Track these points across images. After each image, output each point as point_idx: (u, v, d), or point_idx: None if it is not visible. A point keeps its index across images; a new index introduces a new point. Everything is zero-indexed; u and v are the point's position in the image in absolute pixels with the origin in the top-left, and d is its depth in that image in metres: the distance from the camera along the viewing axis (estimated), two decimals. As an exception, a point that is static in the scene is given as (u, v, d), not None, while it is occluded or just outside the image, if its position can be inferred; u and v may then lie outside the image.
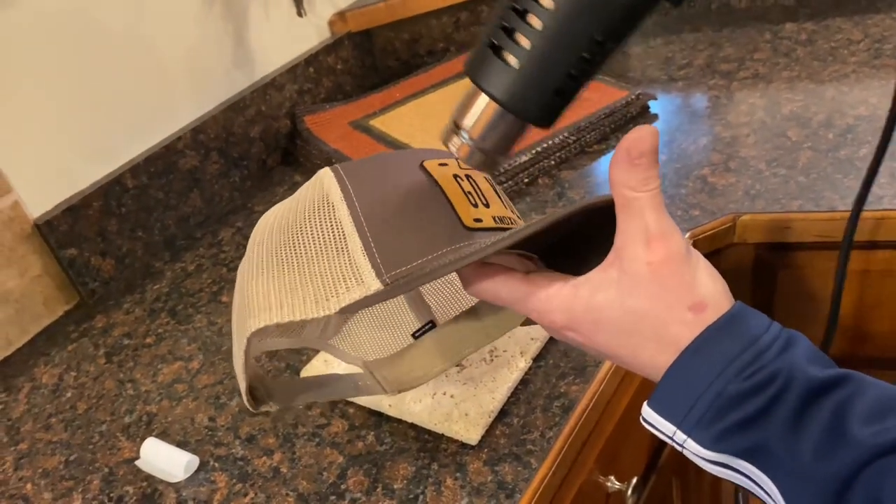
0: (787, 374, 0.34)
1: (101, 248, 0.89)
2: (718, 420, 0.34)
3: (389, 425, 0.63)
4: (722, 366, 0.34)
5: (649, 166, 0.36)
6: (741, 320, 0.36)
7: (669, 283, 0.36)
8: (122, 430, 0.70)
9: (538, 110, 0.38)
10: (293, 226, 0.43)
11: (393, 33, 1.20)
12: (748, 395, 0.34)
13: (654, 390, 0.37)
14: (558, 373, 0.64)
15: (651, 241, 0.36)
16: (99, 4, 0.86)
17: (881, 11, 1.07)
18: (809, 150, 0.83)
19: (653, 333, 0.37)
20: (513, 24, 0.36)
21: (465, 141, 0.39)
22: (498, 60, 0.37)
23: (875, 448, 0.32)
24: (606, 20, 0.35)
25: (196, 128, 0.97)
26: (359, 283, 0.40)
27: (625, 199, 0.36)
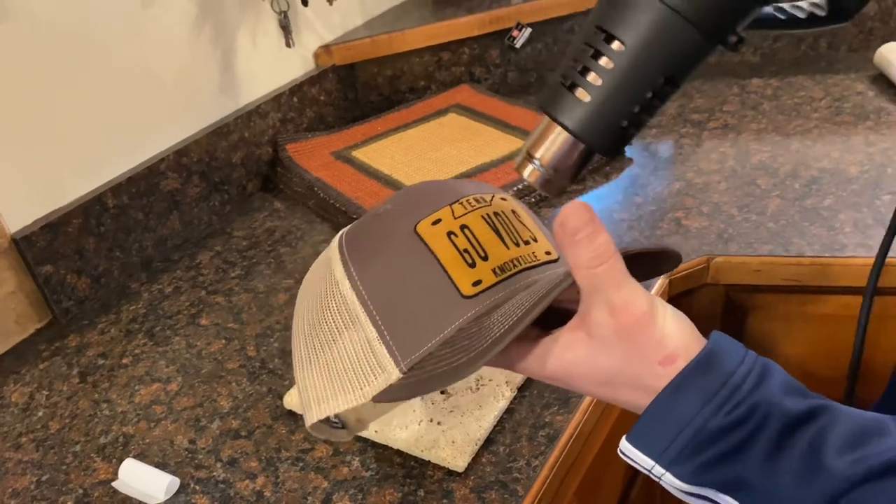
0: (765, 408, 0.35)
1: (77, 267, 0.88)
2: (698, 455, 0.36)
3: (375, 451, 0.64)
4: (700, 403, 0.36)
5: (592, 239, 0.37)
6: (716, 357, 0.37)
7: (638, 343, 0.38)
8: (97, 450, 0.69)
9: (606, 141, 0.41)
10: (318, 314, 0.46)
11: (376, 69, 1.23)
12: (727, 431, 0.35)
13: (632, 426, 0.39)
14: (543, 402, 0.65)
15: (614, 311, 0.38)
16: (94, 22, 0.86)
17: (840, 72, 1.13)
18: (778, 197, 0.87)
19: (628, 385, 0.39)
20: (585, 63, 0.40)
21: (536, 167, 0.43)
22: (571, 95, 0.40)
23: (852, 478, 0.33)
24: (669, 64, 0.39)
25: (179, 150, 0.97)
26: (382, 370, 0.42)
27: (582, 277, 0.38)
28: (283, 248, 0.95)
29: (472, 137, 1.07)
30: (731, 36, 0.39)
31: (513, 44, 1.22)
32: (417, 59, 1.24)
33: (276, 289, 0.87)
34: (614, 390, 0.39)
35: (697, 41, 0.39)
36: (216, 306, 0.86)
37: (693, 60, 0.40)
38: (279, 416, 0.69)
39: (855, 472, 0.34)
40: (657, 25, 0.39)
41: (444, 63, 1.25)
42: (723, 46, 0.40)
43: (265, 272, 0.91)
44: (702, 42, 0.39)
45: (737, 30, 0.40)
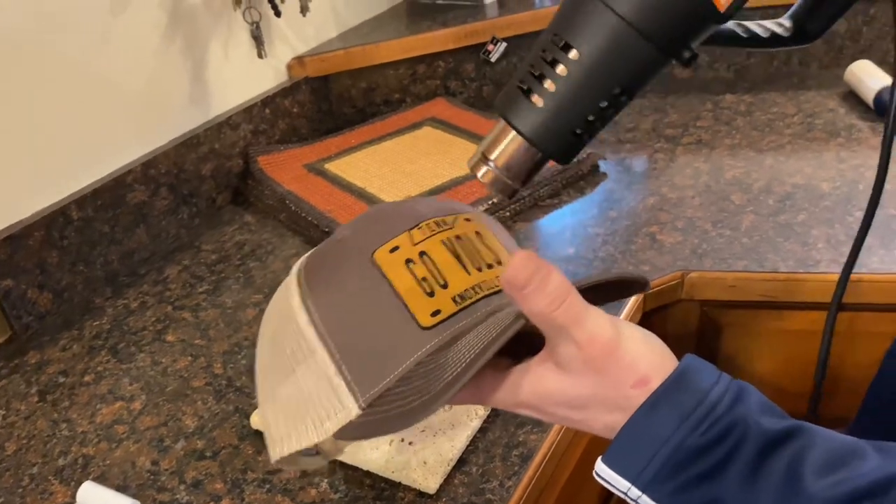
0: (743, 428, 0.35)
1: (39, 281, 0.85)
2: (675, 475, 0.35)
3: (344, 472, 0.62)
4: (677, 422, 0.35)
5: (542, 287, 0.36)
6: (690, 375, 0.37)
7: (609, 371, 0.37)
8: (54, 472, 0.66)
9: (558, 147, 0.42)
10: (275, 342, 0.45)
11: (350, 81, 1.22)
12: (705, 450, 0.35)
13: (608, 447, 0.38)
14: (517, 421, 0.64)
15: (581, 346, 0.37)
16: (58, 29, 0.84)
17: (812, 89, 1.14)
18: (752, 213, 0.87)
19: (603, 408, 0.38)
20: (542, 70, 0.40)
21: (490, 168, 0.43)
22: (526, 100, 0.41)
23: (831, 500, 0.33)
24: (623, 75, 0.39)
25: (147, 162, 0.95)
26: (342, 406, 0.41)
27: (541, 323, 0.37)
28: (252, 263, 0.93)
29: (447, 151, 1.06)
30: (685, 51, 0.39)
31: (488, 58, 1.22)
32: (392, 72, 1.23)
33: (245, 304, 0.85)
34: (590, 414, 0.38)
35: (651, 54, 0.39)
36: (183, 322, 0.84)
37: (647, 73, 0.40)
38: (246, 435, 0.67)
39: (834, 494, 0.33)
40: (612, 37, 0.39)
41: (419, 76, 1.24)
42: (676, 60, 0.40)
43: (234, 287, 0.89)
44: (656, 55, 0.39)
45: (691, 45, 0.40)
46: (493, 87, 1.26)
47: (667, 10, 0.38)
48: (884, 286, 0.75)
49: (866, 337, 0.79)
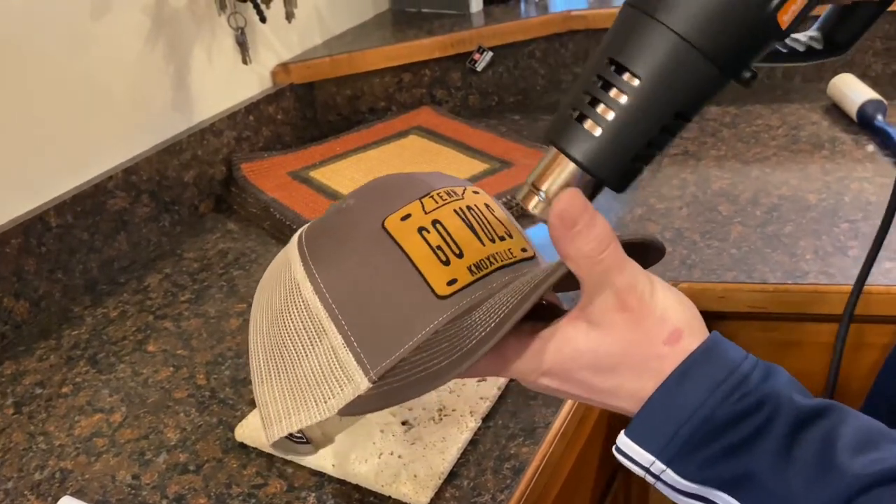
0: (775, 401, 0.34)
1: (15, 289, 0.83)
2: (703, 447, 0.34)
3: (332, 486, 0.60)
4: (707, 391, 0.35)
5: (591, 227, 0.36)
6: (720, 348, 0.36)
7: (642, 323, 0.36)
8: (31, 487, 0.64)
9: (616, 175, 0.39)
10: (277, 321, 0.42)
11: (335, 88, 1.21)
12: (735, 422, 0.34)
13: (631, 420, 0.37)
14: (508, 433, 0.63)
15: (619, 295, 0.36)
16: (37, 31, 0.82)
17: (795, 102, 1.15)
18: (739, 224, 0.87)
19: (633, 370, 0.37)
20: (597, 94, 0.38)
21: (541, 200, 0.40)
22: (581, 127, 0.39)
23: (868, 478, 0.32)
24: (683, 99, 0.38)
25: (128, 168, 0.93)
26: (349, 380, 0.40)
27: (585, 267, 0.36)
28: (236, 271, 0.92)
29: (433, 160, 1.06)
30: (745, 71, 0.38)
31: (474, 67, 1.22)
32: (378, 80, 1.22)
33: (228, 314, 0.84)
34: (618, 380, 0.37)
35: (713, 76, 0.37)
36: (164, 332, 0.82)
37: (706, 95, 0.39)
38: (230, 448, 0.65)
39: (869, 472, 0.32)
40: (672, 58, 0.37)
41: (404, 84, 1.23)
42: (736, 81, 0.39)
43: (217, 296, 0.87)
44: (717, 76, 0.38)
45: (750, 65, 0.39)
46: (478, 96, 1.26)
47: (729, 29, 0.37)
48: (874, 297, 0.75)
49: (859, 349, 0.79)
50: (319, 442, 0.52)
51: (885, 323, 0.77)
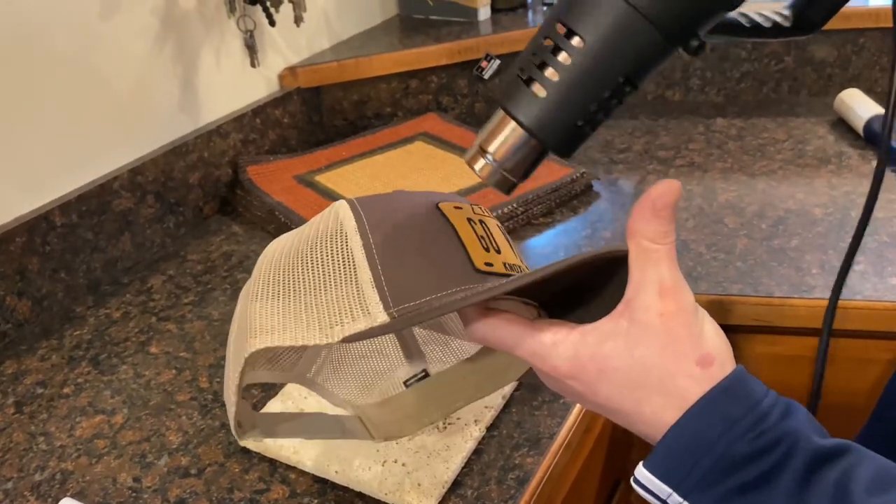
0: (792, 439, 0.34)
1: (18, 288, 0.82)
2: (721, 482, 0.34)
3: (335, 493, 0.60)
4: (726, 427, 0.35)
5: (670, 219, 0.37)
6: (745, 382, 0.36)
7: (679, 335, 0.36)
8: (31, 488, 0.63)
9: (559, 139, 0.40)
10: (304, 252, 0.42)
11: (342, 93, 1.21)
12: (752, 459, 0.34)
13: (652, 451, 0.37)
14: (512, 443, 0.63)
15: (664, 293, 0.36)
16: (46, 29, 0.82)
17: (801, 116, 1.15)
18: (745, 237, 0.87)
19: (659, 385, 0.36)
20: (545, 58, 0.39)
21: (489, 162, 0.41)
22: (527, 90, 0.39)
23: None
24: (629, 63, 0.38)
25: (134, 169, 0.93)
26: (365, 314, 0.39)
27: (643, 249, 0.37)
28: (240, 274, 0.91)
29: (439, 166, 1.06)
30: (693, 40, 0.39)
31: (481, 74, 1.22)
32: (385, 86, 1.22)
33: (231, 316, 0.83)
34: (642, 395, 0.37)
35: (658, 42, 0.38)
36: (167, 334, 0.81)
37: (653, 62, 0.39)
38: (232, 453, 0.65)
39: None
40: (619, 23, 0.38)
41: (411, 90, 1.23)
42: (684, 50, 0.39)
43: (220, 299, 0.87)
44: (663, 43, 0.38)
45: (698, 33, 0.39)
46: (485, 104, 1.26)
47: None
48: (877, 313, 0.75)
49: (860, 363, 0.79)
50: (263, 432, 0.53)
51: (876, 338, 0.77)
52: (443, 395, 0.57)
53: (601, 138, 1.15)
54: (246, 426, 0.51)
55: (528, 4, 1.36)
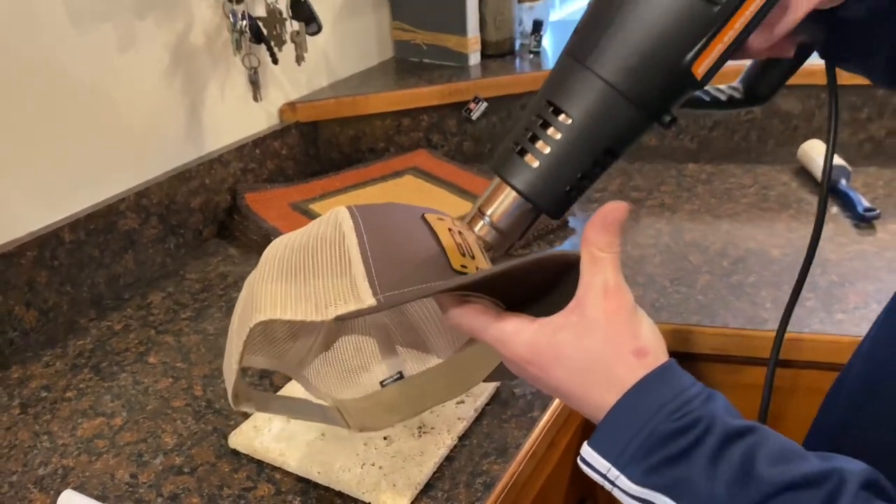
0: (709, 420, 0.40)
1: (26, 299, 0.88)
2: (649, 456, 0.40)
3: (317, 492, 0.65)
4: (655, 409, 0.40)
5: (617, 233, 0.43)
6: (674, 373, 0.42)
7: (619, 330, 0.42)
8: (34, 481, 0.68)
9: (551, 203, 0.46)
10: (307, 246, 0.49)
11: (338, 128, 1.28)
12: (675, 436, 0.40)
13: (594, 432, 0.43)
14: (481, 451, 0.68)
15: (608, 293, 0.43)
16: (68, 60, 0.89)
17: (767, 164, 1.23)
18: (707, 273, 0.94)
19: (602, 372, 0.43)
20: (536, 132, 0.45)
21: (486, 224, 0.47)
22: (521, 160, 0.45)
23: (779, 484, 0.38)
24: (610, 137, 0.44)
25: (140, 192, 1.00)
26: (356, 299, 0.46)
27: (592, 256, 0.43)
28: (235, 293, 0.97)
29: (427, 199, 1.12)
30: (665, 115, 0.45)
31: (469, 115, 1.29)
32: (378, 123, 1.30)
33: (226, 332, 0.88)
34: (588, 380, 0.43)
35: (636, 118, 0.44)
36: (165, 346, 0.87)
37: (632, 135, 0.45)
38: (223, 454, 0.70)
39: (782, 479, 0.38)
40: (600, 102, 0.44)
41: (403, 128, 1.31)
42: (658, 124, 0.46)
43: (216, 315, 0.93)
44: (640, 119, 0.44)
45: (670, 109, 0.46)
46: (472, 143, 1.34)
47: (651, 79, 0.44)
48: (825, 345, 0.82)
49: (807, 393, 0.85)
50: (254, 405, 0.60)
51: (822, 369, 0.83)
52: (415, 396, 0.63)
53: (580, 178, 1.22)
54: (241, 398, 0.58)
55: (515, 51, 1.45)
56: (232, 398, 0.55)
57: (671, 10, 0.43)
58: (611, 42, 0.44)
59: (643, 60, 0.43)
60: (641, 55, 0.43)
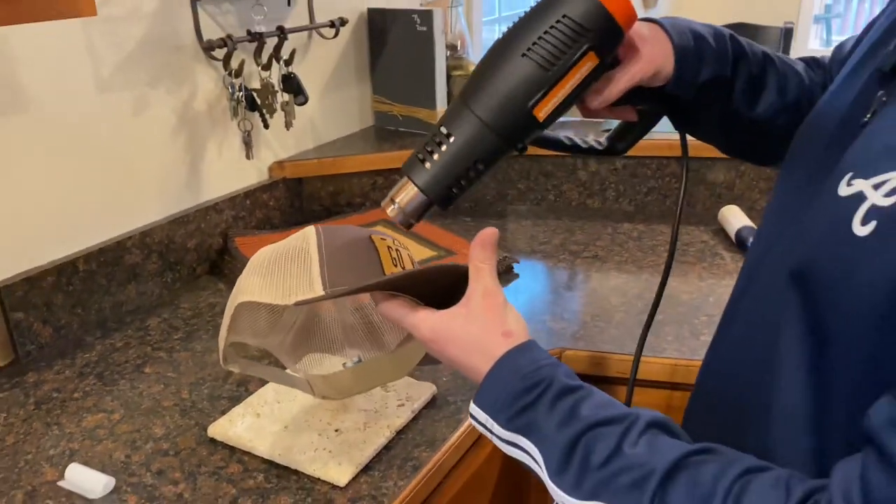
0: (550, 380, 0.56)
1: (44, 317, 1.04)
2: (510, 407, 0.56)
3: (277, 470, 0.80)
4: (514, 372, 0.57)
5: (492, 250, 0.61)
6: (530, 348, 0.59)
7: (493, 318, 0.59)
8: (45, 459, 0.83)
9: (440, 197, 0.64)
10: (282, 254, 0.67)
11: (321, 184, 1.46)
12: (527, 391, 0.56)
13: (476, 392, 0.59)
14: (414, 443, 0.84)
15: (486, 293, 0.60)
16: (92, 119, 1.08)
17: (692, 224, 1.41)
18: (623, 312, 1.10)
19: (481, 348, 0.59)
20: (431, 146, 0.63)
21: (395, 207, 0.64)
22: (421, 165, 0.63)
23: (593, 422, 0.53)
24: (480, 155, 0.62)
25: (144, 231, 1.17)
26: (311, 291, 0.64)
27: (475, 267, 0.61)
28: (221, 319, 1.13)
29: (392, 246, 1.30)
30: (519, 143, 0.63)
31: (436, 176, 1.48)
32: (357, 180, 1.48)
33: (211, 350, 1.05)
34: (472, 355, 0.59)
35: (497, 142, 0.62)
36: (159, 360, 1.03)
37: (494, 154, 0.63)
38: (202, 442, 0.85)
39: (595, 419, 0.53)
40: (474, 129, 0.62)
41: (378, 185, 1.49)
42: (514, 149, 0.64)
43: (203, 337, 1.08)
44: (500, 144, 0.62)
45: (524, 140, 0.64)
46: (438, 201, 1.52)
47: (506, 116, 0.62)
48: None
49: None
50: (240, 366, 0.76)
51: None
52: (368, 375, 0.78)
53: (528, 233, 1.40)
54: (229, 360, 0.74)
55: (481, 123, 1.65)
56: (222, 360, 0.71)
57: (520, 70, 0.61)
58: (482, 89, 0.62)
59: (501, 103, 0.61)
60: (500, 99, 0.61)
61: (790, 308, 0.53)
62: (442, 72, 1.55)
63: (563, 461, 0.54)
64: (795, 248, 0.54)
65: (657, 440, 0.53)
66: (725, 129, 0.78)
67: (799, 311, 0.53)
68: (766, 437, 0.56)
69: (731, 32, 0.74)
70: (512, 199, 1.55)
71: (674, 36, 0.69)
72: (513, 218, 1.49)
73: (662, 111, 0.74)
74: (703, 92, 0.71)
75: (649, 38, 0.68)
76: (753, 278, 0.64)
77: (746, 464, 0.50)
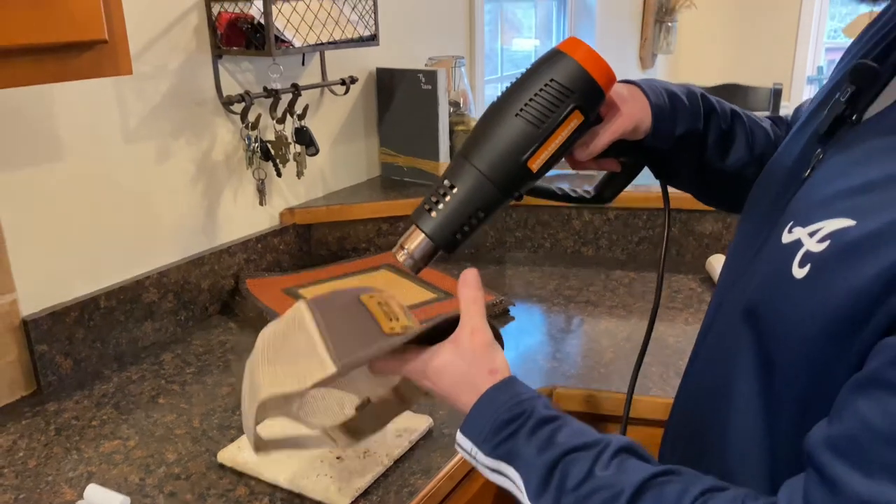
0: (530, 411, 0.62)
1: (66, 350, 1.11)
2: (494, 436, 0.62)
3: (282, 493, 0.86)
4: (498, 406, 0.62)
5: (477, 289, 0.67)
6: (513, 383, 0.64)
7: (480, 356, 0.65)
8: (65, 480, 0.89)
9: (446, 243, 0.70)
10: (284, 336, 0.71)
11: (328, 230, 1.54)
12: (508, 422, 0.61)
13: (462, 423, 0.64)
14: (410, 471, 0.89)
15: (473, 332, 0.66)
16: (120, 167, 1.17)
17: (682, 273, 1.48)
18: (612, 353, 1.16)
19: (468, 383, 0.65)
20: (437, 197, 0.70)
21: (405, 253, 0.71)
22: (428, 214, 0.70)
23: (568, 448, 0.59)
24: (481, 204, 0.69)
25: (162, 272, 1.24)
26: (324, 369, 0.66)
27: (463, 306, 0.67)
28: (231, 356, 1.20)
29: (395, 287, 1.36)
30: (516, 193, 0.70)
31: (438, 224, 1.55)
32: (362, 227, 1.56)
33: (221, 383, 1.11)
34: (461, 389, 0.65)
35: (496, 193, 0.69)
36: (173, 392, 1.09)
37: (494, 204, 0.70)
38: (212, 467, 0.91)
39: (570, 445, 0.59)
40: (475, 181, 0.69)
41: (383, 232, 1.57)
42: (512, 199, 0.71)
43: (214, 371, 1.15)
44: (498, 194, 0.69)
45: (520, 190, 0.70)
46: (440, 248, 1.59)
47: (503, 168, 0.68)
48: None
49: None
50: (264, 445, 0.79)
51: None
52: (380, 414, 0.83)
53: (525, 278, 1.47)
54: (261, 446, 0.76)
55: (482, 174, 1.73)
56: (254, 449, 0.74)
57: (515, 127, 0.68)
58: (481, 145, 0.69)
59: (499, 157, 0.68)
60: (498, 153, 0.68)
61: (743, 342, 0.60)
62: (445, 127, 1.64)
63: (541, 485, 0.59)
64: (747, 289, 0.61)
65: (626, 463, 0.58)
66: (700, 179, 0.85)
67: (751, 345, 0.59)
68: (725, 460, 0.62)
69: (703, 91, 0.82)
70: (510, 247, 1.62)
71: (650, 95, 0.76)
72: (510, 264, 1.56)
73: (643, 162, 0.82)
74: (678, 144, 0.78)
75: (628, 97, 0.75)
76: (716, 317, 0.70)
77: (707, 484, 0.56)
